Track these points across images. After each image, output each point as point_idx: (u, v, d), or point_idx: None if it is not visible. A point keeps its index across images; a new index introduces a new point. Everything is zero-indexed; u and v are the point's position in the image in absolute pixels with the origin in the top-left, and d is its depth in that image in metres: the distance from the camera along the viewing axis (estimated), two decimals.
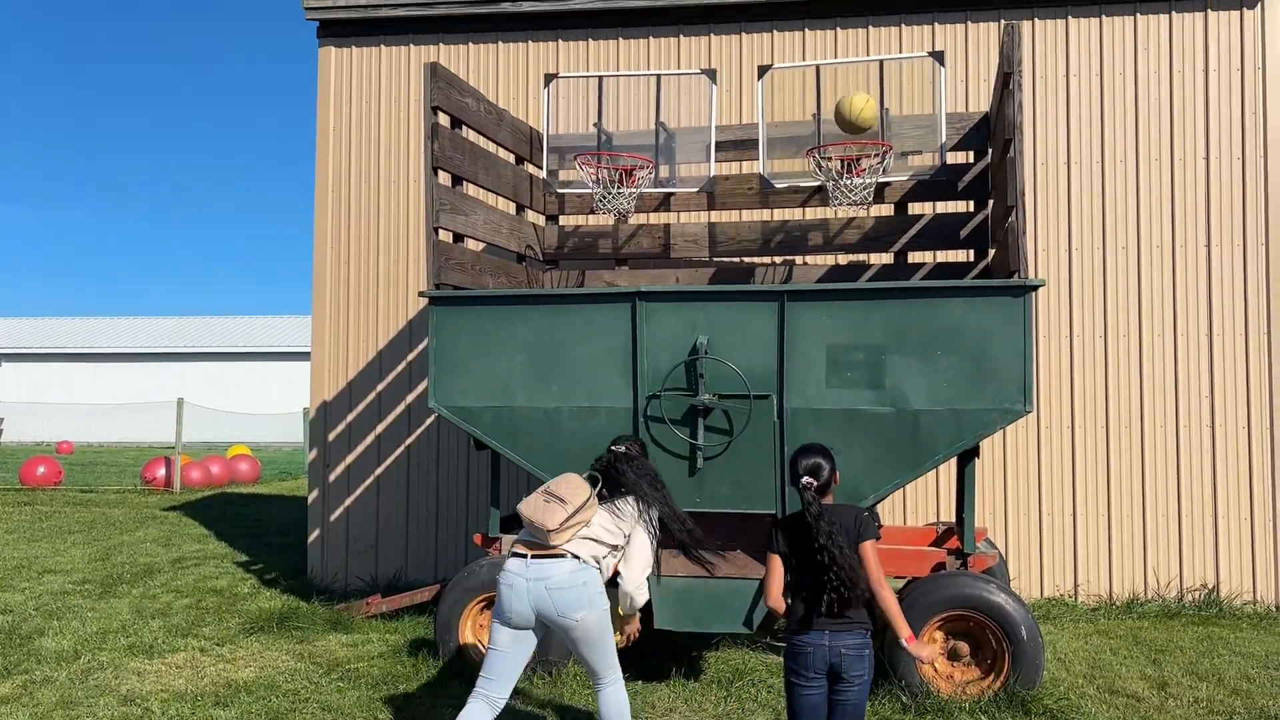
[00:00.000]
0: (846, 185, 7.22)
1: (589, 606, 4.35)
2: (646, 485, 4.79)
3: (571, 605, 4.33)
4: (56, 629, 7.36)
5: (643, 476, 4.81)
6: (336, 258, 9.35)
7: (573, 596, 4.33)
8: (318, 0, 9.24)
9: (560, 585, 4.33)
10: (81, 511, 14.87)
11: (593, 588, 4.41)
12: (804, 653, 3.95)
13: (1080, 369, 8.44)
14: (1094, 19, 8.58)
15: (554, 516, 4.38)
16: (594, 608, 4.37)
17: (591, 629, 4.37)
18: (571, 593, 4.33)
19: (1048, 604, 8.16)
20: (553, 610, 4.33)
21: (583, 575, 4.40)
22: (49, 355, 43.25)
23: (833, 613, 3.94)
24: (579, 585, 4.35)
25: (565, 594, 4.33)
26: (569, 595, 4.33)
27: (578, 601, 4.33)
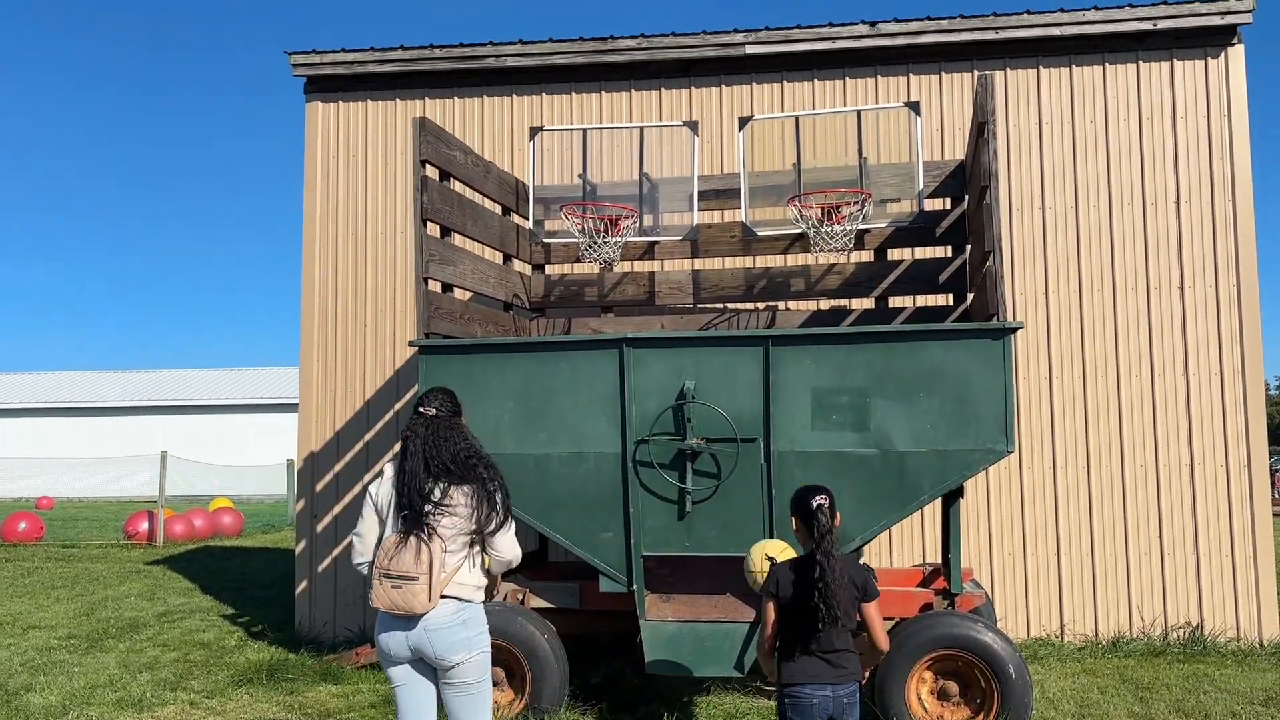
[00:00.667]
0: (827, 232, 7.37)
1: (468, 649, 4.12)
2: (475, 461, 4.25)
3: (449, 648, 4.09)
4: (44, 684, 7.31)
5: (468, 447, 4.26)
6: (324, 308, 9.42)
7: (451, 637, 4.09)
8: (304, 58, 9.41)
9: (438, 626, 4.08)
10: (64, 567, 14.74)
11: (474, 627, 4.16)
12: (808, 705, 3.98)
13: (1060, 409, 8.57)
14: (1064, 69, 8.83)
15: (419, 598, 4.01)
16: (473, 648, 4.14)
17: (470, 672, 4.15)
18: (450, 633, 4.09)
19: (1035, 644, 8.22)
20: (431, 651, 4.09)
21: (463, 614, 4.14)
22: (27, 410, 42.94)
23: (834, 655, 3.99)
24: (458, 624, 4.11)
25: (444, 635, 4.08)
26: (447, 636, 4.08)
27: (457, 643, 4.10)
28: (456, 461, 4.17)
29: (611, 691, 6.89)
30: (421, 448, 4.16)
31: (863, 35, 8.81)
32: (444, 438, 4.20)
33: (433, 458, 4.15)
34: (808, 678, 3.99)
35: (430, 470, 4.13)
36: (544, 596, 6.65)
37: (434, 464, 4.14)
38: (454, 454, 4.18)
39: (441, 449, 4.17)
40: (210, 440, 41.60)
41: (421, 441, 4.17)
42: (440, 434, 4.21)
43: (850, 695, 4.02)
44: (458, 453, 4.19)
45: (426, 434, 4.20)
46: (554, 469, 6.32)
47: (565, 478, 6.31)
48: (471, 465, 4.20)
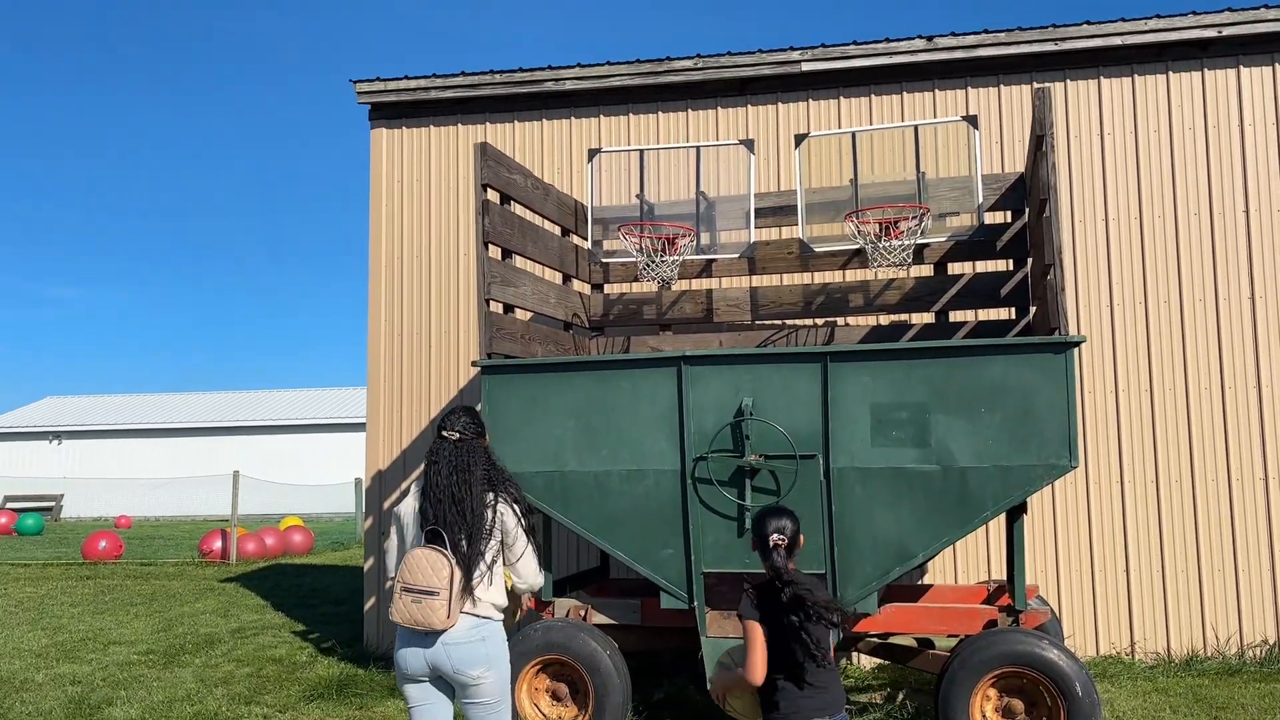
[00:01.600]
0: (885, 247, 7.37)
1: (486, 664, 4.15)
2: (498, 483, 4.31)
3: (468, 662, 4.12)
4: (124, 698, 7.55)
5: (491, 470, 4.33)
6: (390, 330, 9.63)
7: (470, 653, 4.13)
8: (369, 85, 9.65)
9: (457, 641, 4.12)
10: (142, 584, 15.16)
11: (493, 644, 4.19)
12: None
13: (1127, 423, 8.44)
14: (1126, 78, 8.72)
15: (439, 614, 4.03)
16: (492, 665, 4.18)
17: (489, 690, 4.18)
18: (469, 649, 4.13)
19: (1104, 662, 8.08)
20: (449, 667, 4.12)
21: (482, 630, 4.17)
22: (106, 432, 44.19)
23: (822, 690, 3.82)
24: (476, 641, 4.14)
25: (462, 650, 4.12)
26: (467, 651, 4.12)
27: (475, 658, 4.13)
28: (479, 484, 4.23)
29: (674, 708, 6.93)
30: (445, 470, 4.22)
31: (919, 50, 8.80)
32: (467, 461, 4.26)
33: (456, 481, 4.20)
34: (805, 714, 3.82)
35: (454, 494, 4.19)
36: (606, 613, 6.71)
37: (459, 487, 4.19)
38: (477, 477, 4.24)
39: (465, 472, 4.23)
40: (281, 460, 42.42)
41: (446, 464, 4.24)
42: (464, 457, 4.26)
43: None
44: (480, 476, 4.25)
45: (451, 457, 4.26)
46: (614, 486, 6.39)
47: (625, 495, 6.38)
48: (493, 487, 4.27)
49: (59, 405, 48.26)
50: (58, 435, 44.35)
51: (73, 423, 44.57)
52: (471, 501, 4.18)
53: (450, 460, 4.24)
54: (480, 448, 4.34)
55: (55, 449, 44.26)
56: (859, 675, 8.17)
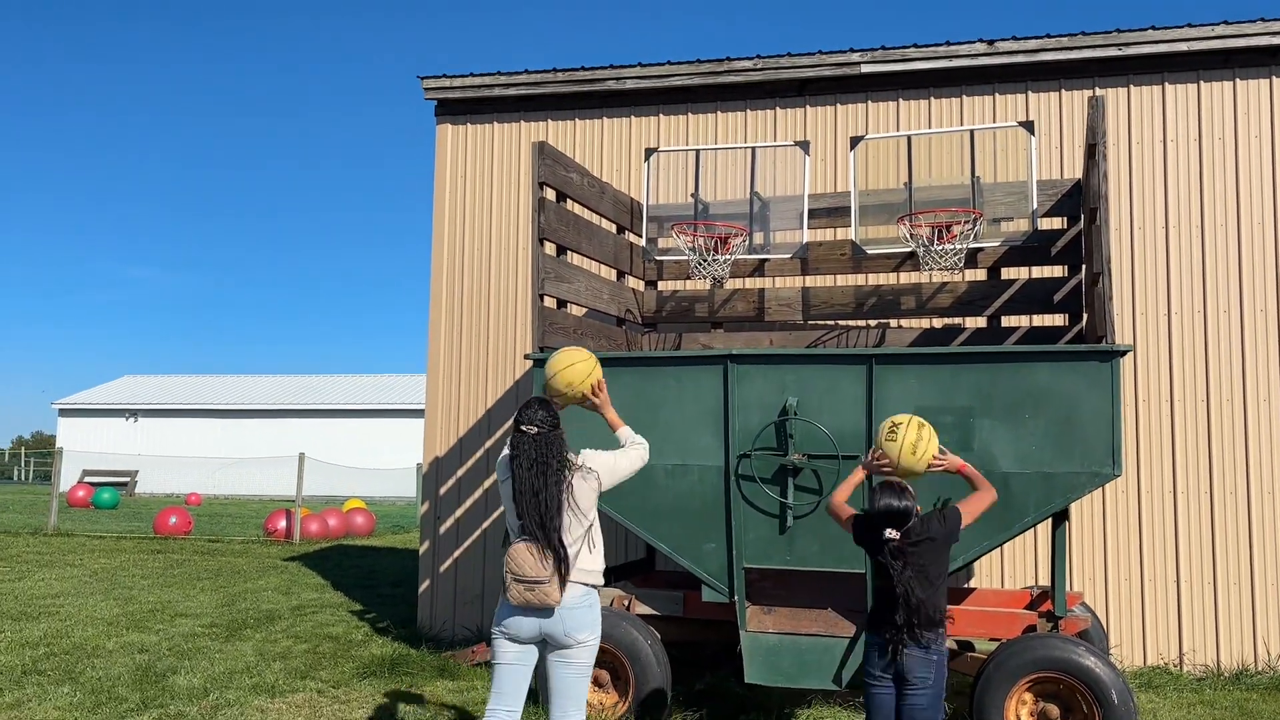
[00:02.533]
0: (937, 251, 7.41)
1: (591, 627, 4.47)
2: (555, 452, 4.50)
3: (578, 625, 4.43)
4: (188, 668, 7.88)
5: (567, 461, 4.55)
6: (450, 321, 9.87)
7: (582, 617, 4.44)
8: (435, 82, 9.89)
9: (571, 606, 4.41)
10: (209, 560, 15.67)
11: (596, 610, 4.52)
12: (871, 648, 4.37)
13: (1182, 433, 8.36)
14: (1191, 85, 8.62)
15: (553, 596, 4.35)
16: (595, 629, 4.49)
17: (588, 654, 4.48)
18: (580, 613, 4.43)
19: (1150, 672, 8.04)
20: (561, 630, 4.41)
21: (589, 598, 4.50)
22: (179, 411, 45.46)
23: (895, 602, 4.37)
24: (585, 607, 4.46)
25: (576, 614, 4.42)
26: (579, 616, 4.43)
27: (585, 622, 4.45)
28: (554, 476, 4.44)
29: (715, 700, 7.06)
30: (525, 464, 4.43)
31: (980, 54, 8.79)
32: (545, 454, 4.45)
33: (535, 474, 4.42)
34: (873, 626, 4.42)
35: (533, 486, 4.40)
36: (648, 603, 6.86)
37: (538, 479, 4.41)
38: (553, 469, 4.45)
39: (544, 465, 4.43)
40: (345, 443, 43.28)
41: (525, 458, 4.44)
42: (542, 450, 4.45)
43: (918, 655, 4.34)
44: (556, 468, 4.46)
45: (530, 451, 4.45)
46: (659, 480, 6.54)
47: (670, 489, 6.52)
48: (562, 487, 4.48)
49: (136, 384, 49.75)
50: (134, 413, 45.74)
51: (149, 401, 45.91)
52: (546, 495, 4.41)
53: (529, 454, 4.45)
54: (557, 439, 4.53)
55: (131, 426, 45.65)
56: None
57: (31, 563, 14.67)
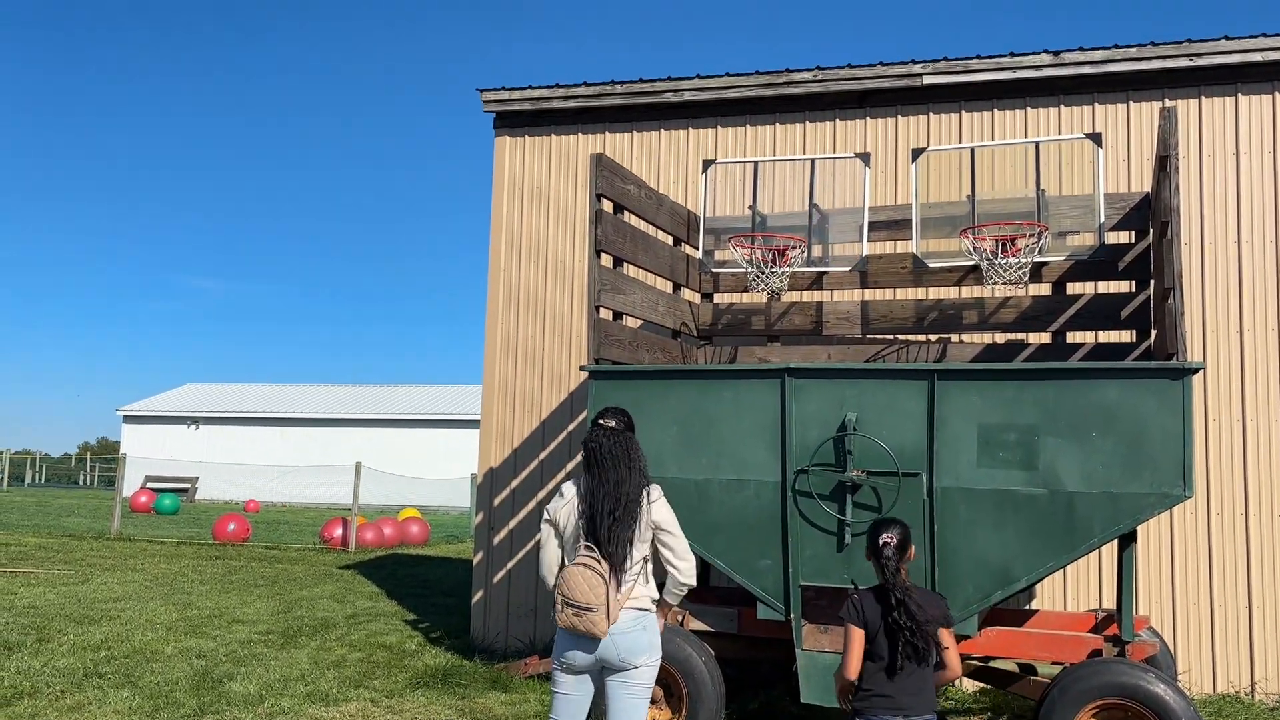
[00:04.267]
0: (1001, 265, 7.26)
1: (648, 651, 4.41)
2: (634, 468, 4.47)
3: (633, 650, 4.37)
4: (244, 674, 7.95)
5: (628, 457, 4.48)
6: (506, 332, 9.89)
7: (636, 641, 4.38)
8: (494, 94, 9.94)
9: (624, 630, 4.37)
10: (266, 567, 15.85)
11: (653, 633, 4.46)
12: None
13: (1254, 453, 8.11)
14: (1266, 95, 8.39)
15: (600, 626, 4.30)
16: (652, 652, 4.43)
17: (646, 676, 4.42)
18: (634, 637, 4.38)
19: (1220, 700, 7.78)
20: (615, 656, 4.37)
21: (643, 620, 4.43)
22: (240, 419, 46.21)
23: (907, 690, 4.06)
24: (639, 630, 4.40)
25: (628, 638, 4.37)
26: (633, 639, 4.38)
27: (641, 646, 4.39)
28: (639, 472, 4.45)
29: (768, 718, 6.95)
30: (608, 452, 4.43)
31: (1045, 65, 8.63)
32: (627, 448, 4.47)
33: (620, 463, 4.42)
34: (884, 708, 4.07)
35: (617, 475, 4.40)
36: (703, 619, 6.78)
37: (622, 468, 4.41)
38: (637, 464, 4.45)
39: (627, 457, 4.44)
40: (401, 452, 43.68)
41: (608, 449, 4.44)
42: (623, 444, 4.47)
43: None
44: (639, 464, 4.46)
45: (611, 443, 4.46)
46: (715, 495, 6.46)
47: (725, 504, 6.45)
48: (641, 485, 4.45)
49: (198, 392, 50.68)
50: (195, 421, 46.58)
51: (210, 409, 46.74)
52: (630, 487, 4.40)
53: (611, 447, 4.45)
54: (634, 442, 4.54)
55: (193, 434, 46.49)
56: (960, 698, 8.05)
57: (94, 566, 14.95)
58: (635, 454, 4.49)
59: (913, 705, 4.07)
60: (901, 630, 4.07)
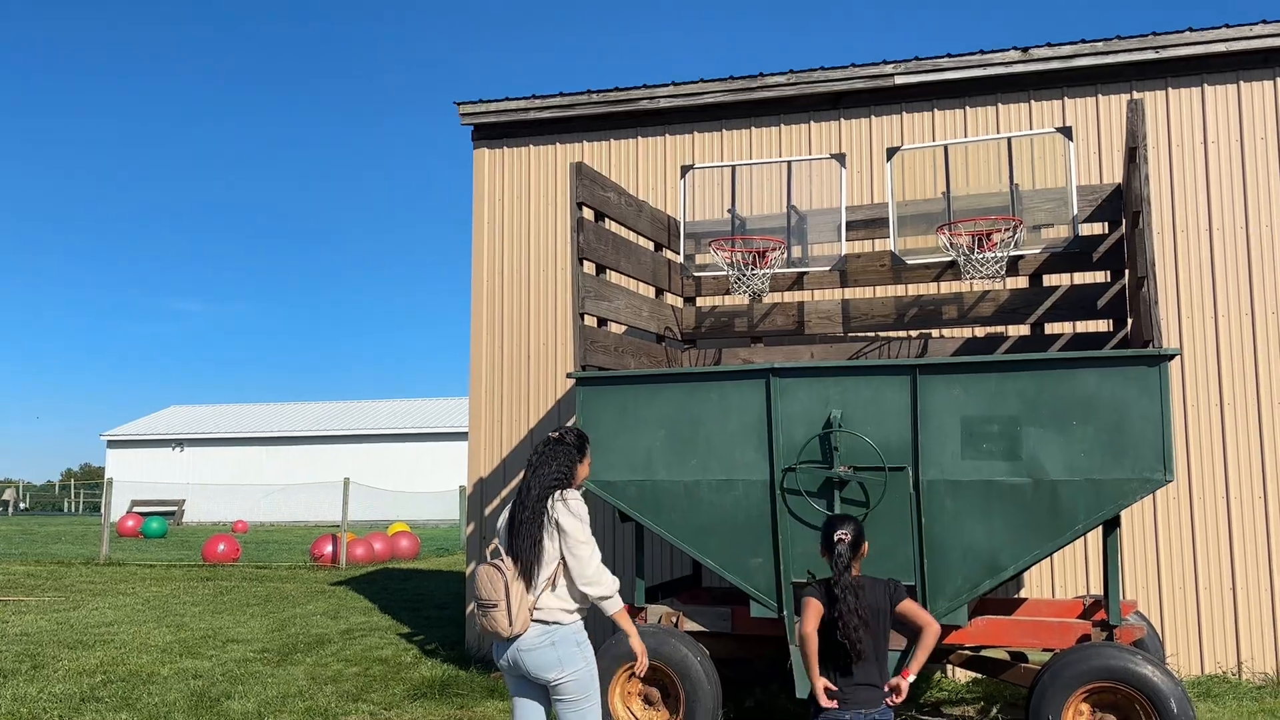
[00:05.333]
0: (978, 259, 7.37)
1: (559, 666, 4.38)
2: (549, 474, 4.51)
3: (541, 666, 4.37)
4: (241, 693, 7.97)
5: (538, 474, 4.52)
6: (491, 342, 9.94)
7: (541, 658, 4.37)
8: (471, 107, 10.00)
9: (529, 648, 4.38)
10: (258, 586, 15.83)
11: (564, 646, 4.39)
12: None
13: (1233, 436, 8.24)
14: (1230, 85, 8.54)
15: (502, 624, 4.33)
16: (564, 665, 4.38)
17: (569, 688, 4.40)
18: (539, 654, 4.37)
19: (1208, 681, 7.90)
20: (527, 671, 4.40)
21: (550, 636, 4.39)
22: (225, 440, 46.01)
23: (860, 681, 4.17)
24: (546, 646, 4.38)
25: (534, 655, 4.37)
26: (537, 657, 4.37)
27: (547, 662, 4.37)
28: (544, 483, 4.48)
29: (765, 716, 7.02)
30: (528, 468, 4.55)
31: (1014, 61, 8.76)
32: (547, 458, 4.54)
33: (528, 477, 4.52)
34: (839, 703, 4.17)
35: (525, 487, 4.50)
36: (696, 620, 6.84)
37: (529, 483, 4.49)
38: (543, 475, 4.49)
39: (537, 470, 4.51)
40: (389, 467, 43.59)
41: (537, 459, 4.55)
42: (545, 456, 4.55)
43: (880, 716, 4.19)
44: (550, 476, 4.49)
45: (536, 455, 4.57)
46: (704, 496, 6.53)
47: (715, 504, 6.52)
48: (549, 490, 4.47)
49: (182, 414, 50.45)
50: (180, 443, 46.37)
51: (194, 431, 46.53)
52: (539, 489, 4.45)
53: (542, 452, 4.56)
54: (564, 452, 4.57)
55: (178, 456, 46.26)
56: (953, 688, 8.14)
57: (85, 591, 14.90)
58: (559, 460, 4.52)
59: (866, 699, 4.16)
60: (842, 623, 4.18)
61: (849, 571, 4.27)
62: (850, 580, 4.26)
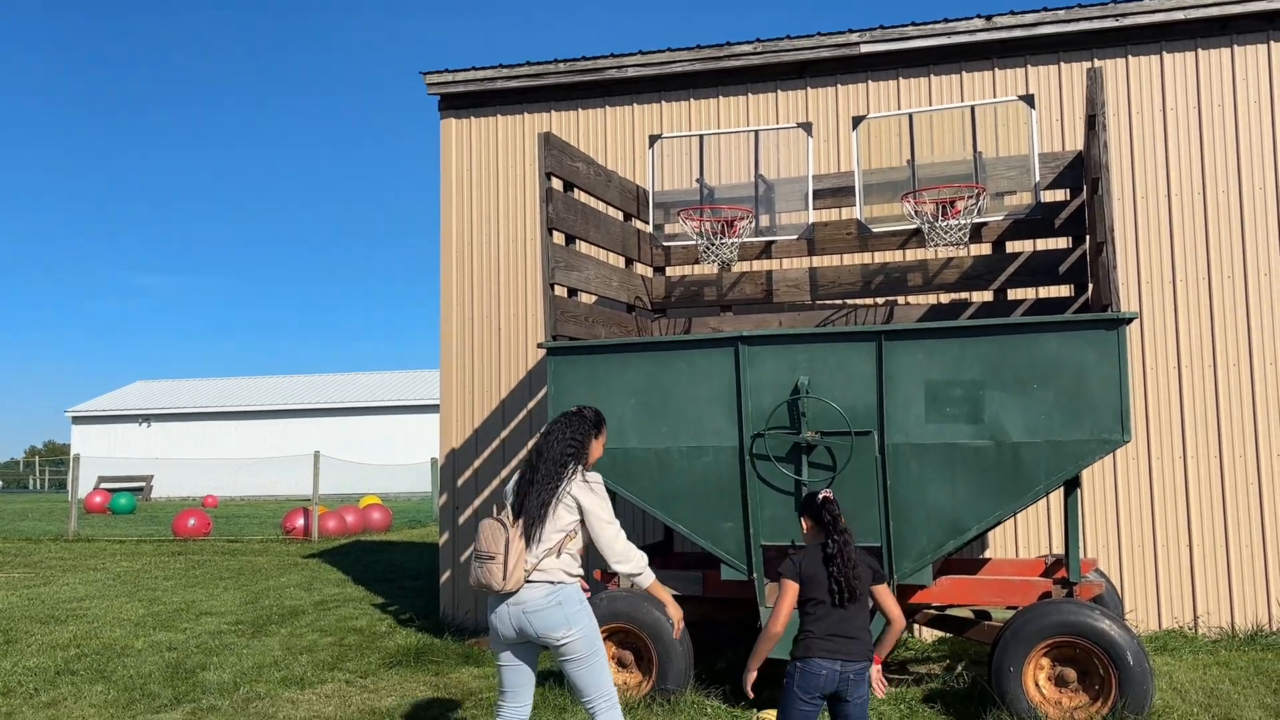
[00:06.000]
0: (942, 227, 7.48)
1: (567, 625, 4.44)
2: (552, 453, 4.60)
3: (549, 626, 4.43)
4: (217, 664, 8.02)
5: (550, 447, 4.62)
6: (461, 314, 9.97)
7: (549, 618, 4.43)
8: (438, 77, 9.97)
9: (536, 608, 4.43)
10: (230, 560, 15.83)
11: (569, 605, 4.47)
12: (815, 675, 4.21)
13: (1190, 399, 8.44)
14: (1189, 53, 8.67)
15: (496, 577, 4.41)
16: (573, 624, 4.44)
17: (577, 647, 4.46)
18: (547, 614, 4.43)
19: (1166, 635, 8.13)
20: (533, 632, 4.45)
21: (556, 596, 4.46)
22: (192, 415, 45.69)
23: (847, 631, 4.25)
24: (554, 606, 4.44)
25: (542, 615, 4.43)
26: (545, 617, 4.43)
27: (555, 621, 4.43)
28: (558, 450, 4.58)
29: (735, 677, 7.16)
30: (551, 433, 4.65)
31: (978, 29, 8.84)
32: (562, 428, 4.66)
33: (542, 441, 4.63)
34: (821, 652, 4.22)
35: (537, 449, 4.61)
36: (669, 584, 6.93)
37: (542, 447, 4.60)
38: (556, 442, 4.60)
39: (551, 436, 4.62)
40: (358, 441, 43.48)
41: (555, 427, 4.66)
42: (561, 425, 4.68)
43: (858, 673, 4.25)
44: (562, 445, 4.60)
45: (561, 421, 4.69)
46: (675, 462, 6.64)
47: (686, 470, 6.62)
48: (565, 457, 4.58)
49: (147, 389, 50.01)
50: (147, 418, 45.99)
51: (161, 406, 46.16)
52: (553, 453, 4.56)
53: (561, 422, 4.69)
54: (580, 423, 4.69)
55: (145, 431, 45.90)
56: (920, 647, 8.33)
57: (55, 568, 14.84)
58: (574, 429, 4.65)
59: (851, 650, 4.23)
60: (840, 571, 4.25)
61: (839, 522, 4.36)
62: (846, 525, 4.37)
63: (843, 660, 4.22)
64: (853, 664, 4.23)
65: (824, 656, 4.22)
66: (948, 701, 6.44)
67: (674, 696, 6.42)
